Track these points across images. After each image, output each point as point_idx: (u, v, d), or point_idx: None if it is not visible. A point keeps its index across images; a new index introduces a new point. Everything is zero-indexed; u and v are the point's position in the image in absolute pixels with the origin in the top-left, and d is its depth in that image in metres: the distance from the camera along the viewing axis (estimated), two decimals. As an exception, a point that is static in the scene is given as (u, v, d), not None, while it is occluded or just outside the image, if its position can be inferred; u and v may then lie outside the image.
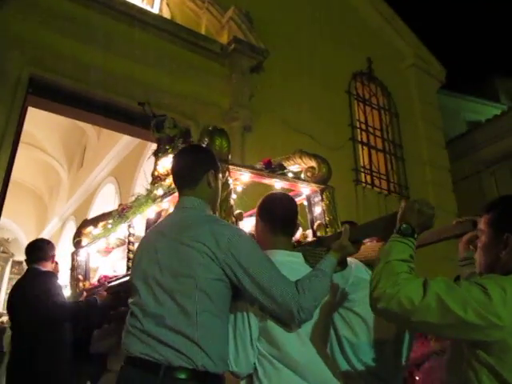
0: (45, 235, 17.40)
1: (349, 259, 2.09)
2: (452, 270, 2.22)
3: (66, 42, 5.35)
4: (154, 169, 3.03)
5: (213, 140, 2.49)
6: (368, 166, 8.22)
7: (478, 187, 11.37)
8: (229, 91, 6.48)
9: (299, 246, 2.31)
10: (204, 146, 2.53)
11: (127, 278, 2.77)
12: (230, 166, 2.53)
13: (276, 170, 2.80)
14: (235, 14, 6.69)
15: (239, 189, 2.83)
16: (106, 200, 11.89)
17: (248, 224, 2.72)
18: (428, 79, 10.12)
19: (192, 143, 3.05)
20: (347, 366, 2.19)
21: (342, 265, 2.01)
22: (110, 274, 3.29)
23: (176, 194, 2.50)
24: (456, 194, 9.53)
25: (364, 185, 7.91)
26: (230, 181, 2.47)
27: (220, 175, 2.10)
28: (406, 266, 1.53)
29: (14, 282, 3.93)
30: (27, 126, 5.55)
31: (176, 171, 2.06)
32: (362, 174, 8.03)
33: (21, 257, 18.93)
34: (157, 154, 3.04)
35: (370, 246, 2.20)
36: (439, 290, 1.41)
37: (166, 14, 6.42)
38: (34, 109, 5.92)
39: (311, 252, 2.08)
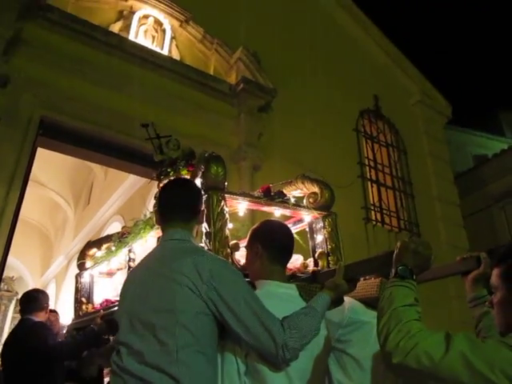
0: (50, 274, 17.30)
1: (345, 298, 2.03)
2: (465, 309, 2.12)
3: (77, 83, 5.40)
4: (157, 191, 2.89)
5: (209, 167, 2.44)
6: (378, 204, 8.15)
7: (488, 222, 11.29)
8: (238, 131, 6.50)
9: (293, 279, 2.24)
10: (200, 172, 2.49)
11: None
12: (226, 195, 2.46)
13: (275, 197, 2.73)
14: (243, 54, 6.77)
15: (237, 215, 2.76)
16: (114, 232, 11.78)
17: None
18: (434, 115, 10.17)
19: (194, 165, 2.92)
20: None
21: (338, 303, 1.95)
22: (113, 297, 3.23)
23: None
24: (466, 230, 9.41)
25: (374, 223, 7.82)
26: (226, 210, 2.40)
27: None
28: (413, 312, 1.43)
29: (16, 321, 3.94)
30: (35, 163, 5.56)
31: (166, 203, 1.99)
32: (372, 212, 7.95)
33: (25, 296, 18.79)
34: (159, 177, 2.99)
35: (368, 282, 2.14)
36: (463, 347, 1.29)
37: (176, 56, 6.48)
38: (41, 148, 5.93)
39: (305, 288, 2.01)
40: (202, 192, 2.34)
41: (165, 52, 6.36)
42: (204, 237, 2.28)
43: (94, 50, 5.62)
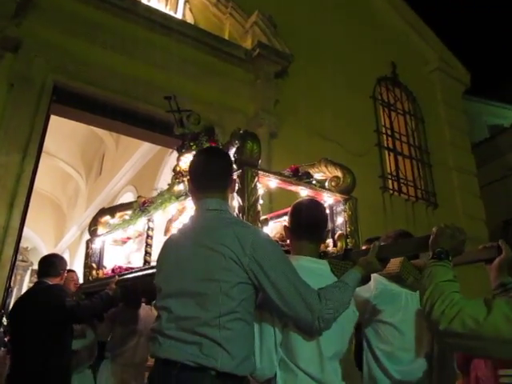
0: (63, 244, 17.45)
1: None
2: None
3: (90, 48, 5.28)
4: (177, 164, 3.01)
5: (244, 143, 2.43)
6: (395, 173, 8.01)
7: (504, 192, 11.13)
8: (254, 97, 6.36)
9: (325, 257, 2.29)
10: (235, 148, 2.49)
11: (138, 274, 2.79)
12: (259, 172, 2.47)
13: (303, 177, 2.76)
14: (259, 18, 6.57)
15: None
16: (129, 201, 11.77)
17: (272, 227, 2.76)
18: (452, 83, 9.91)
19: (216, 141, 3.00)
20: (386, 380, 2.21)
21: (365, 281, 2.02)
22: (124, 265, 3.20)
23: None
24: (482, 200, 9.27)
25: (391, 192, 7.70)
26: (259, 186, 2.42)
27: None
28: (454, 285, 1.54)
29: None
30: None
31: (204, 171, 1.97)
32: (389, 181, 7.82)
33: (39, 265, 19.03)
34: (180, 150, 3.01)
35: (392, 260, 2.19)
36: (503, 307, 1.40)
37: (190, 20, 6.32)
38: (52, 117, 5.83)
39: (337, 264, 2.05)
40: (235, 167, 2.37)
41: (178, 16, 6.19)
42: (237, 210, 2.30)
43: (107, 13, 5.47)
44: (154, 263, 2.70)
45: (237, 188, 2.26)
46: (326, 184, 2.83)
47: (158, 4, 6.06)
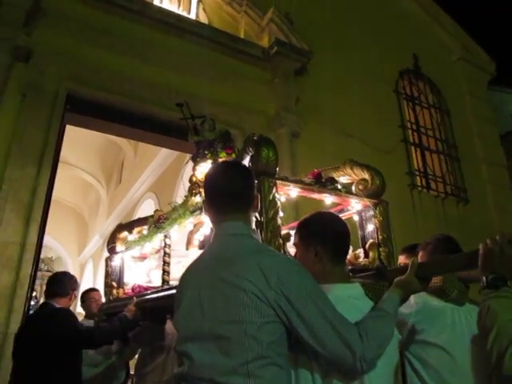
0: (87, 253, 17.49)
1: None
2: None
3: (102, 54, 5.12)
4: (192, 174, 2.80)
5: (259, 151, 2.17)
6: (422, 169, 7.72)
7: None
8: (273, 96, 6.13)
9: (355, 275, 2.04)
10: (249, 156, 2.24)
11: (157, 295, 2.59)
12: (278, 181, 2.20)
13: (326, 184, 2.48)
14: (275, 15, 6.35)
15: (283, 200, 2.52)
16: (146, 215, 11.70)
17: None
18: (477, 72, 9.57)
19: (232, 147, 2.77)
20: None
21: (403, 300, 1.77)
22: (144, 282, 3.03)
23: None
24: None
25: (420, 189, 7.40)
26: (277, 197, 2.15)
27: None
28: None
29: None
30: (63, 144, 5.34)
31: (224, 190, 1.68)
32: (417, 178, 7.53)
33: (64, 275, 19.13)
34: (195, 159, 2.80)
35: None
36: None
37: (204, 20, 6.14)
38: (69, 127, 5.70)
39: (372, 286, 1.81)
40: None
41: (192, 16, 6.00)
42: (254, 226, 2.00)
43: (118, 17, 5.32)
44: (172, 282, 2.53)
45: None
46: (353, 188, 2.56)
47: (170, 5, 5.90)
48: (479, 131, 8.87)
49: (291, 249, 2.30)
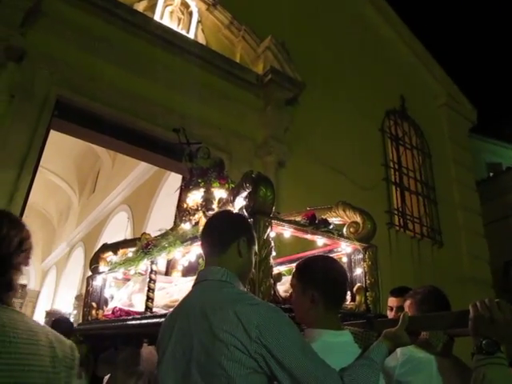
0: (51, 260, 17.01)
1: None
2: None
3: (97, 63, 5.04)
4: (183, 201, 2.82)
5: (257, 189, 2.16)
6: (401, 209, 7.79)
7: (505, 232, 10.96)
8: (263, 124, 6.13)
9: (344, 322, 2.01)
10: (245, 192, 2.24)
11: (139, 322, 2.51)
12: (273, 221, 2.20)
13: (320, 225, 2.50)
14: (272, 43, 6.39)
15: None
16: (118, 228, 11.54)
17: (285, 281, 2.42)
18: (459, 119, 9.83)
19: (226, 177, 2.84)
20: None
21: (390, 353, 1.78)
22: (126, 306, 2.93)
23: None
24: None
25: (397, 228, 7.47)
26: (272, 237, 2.15)
27: (255, 247, 1.80)
28: None
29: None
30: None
31: (204, 236, 1.79)
32: (396, 217, 7.60)
33: (24, 280, 18.53)
34: (188, 186, 2.83)
35: None
36: None
37: (201, 41, 6.12)
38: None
39: (361, 335, 1.84)
40: (246, 215, 2.12)
41: (190, 36, 5.98)
42: None
43: (117, 28, 5.26)
44: (155, 309, 2.46)
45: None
46: (344, 230, 2.58)
47: (170, 22, 5.87)
48: (457, 176, 9.07)
49: (280, 286, 2.27)
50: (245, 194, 2.24)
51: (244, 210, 2.15)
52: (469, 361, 2.06)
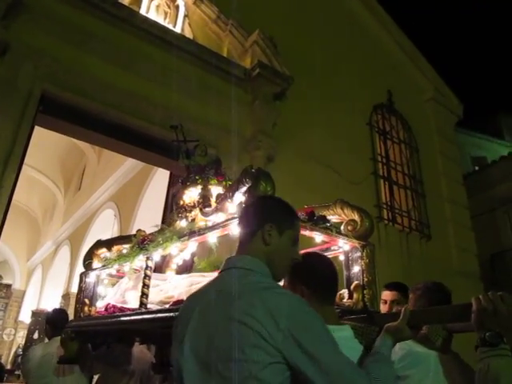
0: (36, 259, 16.82)
1: None
2: None
3: (83, 57, 4.95)
4: (180, 197, 2.79)
5: (257, 184, 2.10)
6: (389, 203, 7.81)
7: (491, 225, 11.07)
8: (251, 118, 6.08)
9: (344, 317, 2.03)
10: (245, 187, 2.18)
11: (133, 318, 2.45)
12: None
13: (318, 222, 2.45)
14: (259, 37, 6.33)
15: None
16: (105, 225, 11.44)
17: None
18: (446, 113, 9.90)
19: (223, 175, 2.79)
20: None
21: None
22: (119, 302, 2.88)
23: (203, 235, 2.33)
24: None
25: (386, 222, 7.49)
26: None
27: (292, 232, 1.70)
28: None
29: (0, 306, 3.49)
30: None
31: (238, 224, 1.81)
32: (384, 211, 7.62)
33: (9, 280, 18.31)
34: (185, 183, 2.81)
35: None
36: None
37: (188, 35, 6.04)
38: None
39: (361, 329, 1.84)
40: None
41: (177, 30, 5.91)
42: None
43: (102, 22, 5.16)
44: (150, 305, 2.41)
45: None
46: (342, 228, 2.54)
47: (156, 16, 5.79)
48: (445, 170, 9.14)
49: None
50: (244, 189, 2.19)
51: (243, 206, 2.11)
52: (467, 357, 2.07)
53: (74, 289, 11.74)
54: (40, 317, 13.10)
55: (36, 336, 13.03)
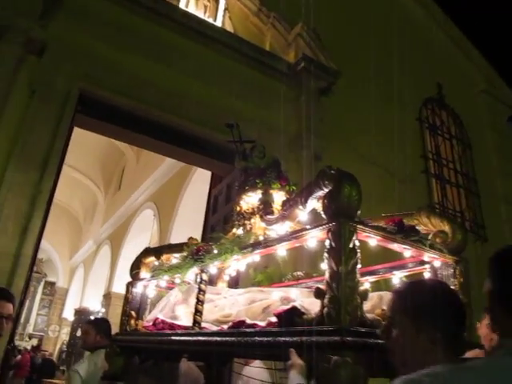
0: (78, 258, 17.01)
1: None
2: None
3: (121, 55, 4.76)
4: (237, 203, 2.54)
5: (340, 188, 1.76)
6: (442, 202, 7.35)
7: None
8: (296, 115, 5.76)
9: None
10: (323, 191, 1.86)
11: (185, 338, 2.18)
12: (358, 226, 1.78)
13: (410, 234, 2.05)
14: (303, 30, 6.01)
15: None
16: (144, 225, 11.38)
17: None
18: (499, 106, 9.30)
19: (286, 178, 2.53)
20: None
21: None
22: (168, 317, 2.63)
23: (271, 247, 2.02)
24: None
25: (439, 224, 7.03)
26: (357, 245, 1.72)
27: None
28: None
29: (45, 303, 3.34)
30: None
31: None
32: (437, 212, 7.16)
33: (53, 278, 18.62)
34: (243, 187, 2.53)
35: None
36: None
37: (229, 29, 5.79)
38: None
39: None
40: (326, 218, 1.77)
41: (218, 24, 5.66)
42: (327, 277, 1.64)
43: (141, 17, 4.97)
44: (204, 324, 2.14)
45: (328, 246, 1.65)
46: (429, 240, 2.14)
47: (196, 10, 5.56)
48: (499, 167, 8.56)
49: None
50: (319, 193, 1.89)
51: (322, 213, 1.80)
52: None
53: (115, 289, 11.74)
54: (83, 315, 13.24)
55: (79, 333, 13.17)
